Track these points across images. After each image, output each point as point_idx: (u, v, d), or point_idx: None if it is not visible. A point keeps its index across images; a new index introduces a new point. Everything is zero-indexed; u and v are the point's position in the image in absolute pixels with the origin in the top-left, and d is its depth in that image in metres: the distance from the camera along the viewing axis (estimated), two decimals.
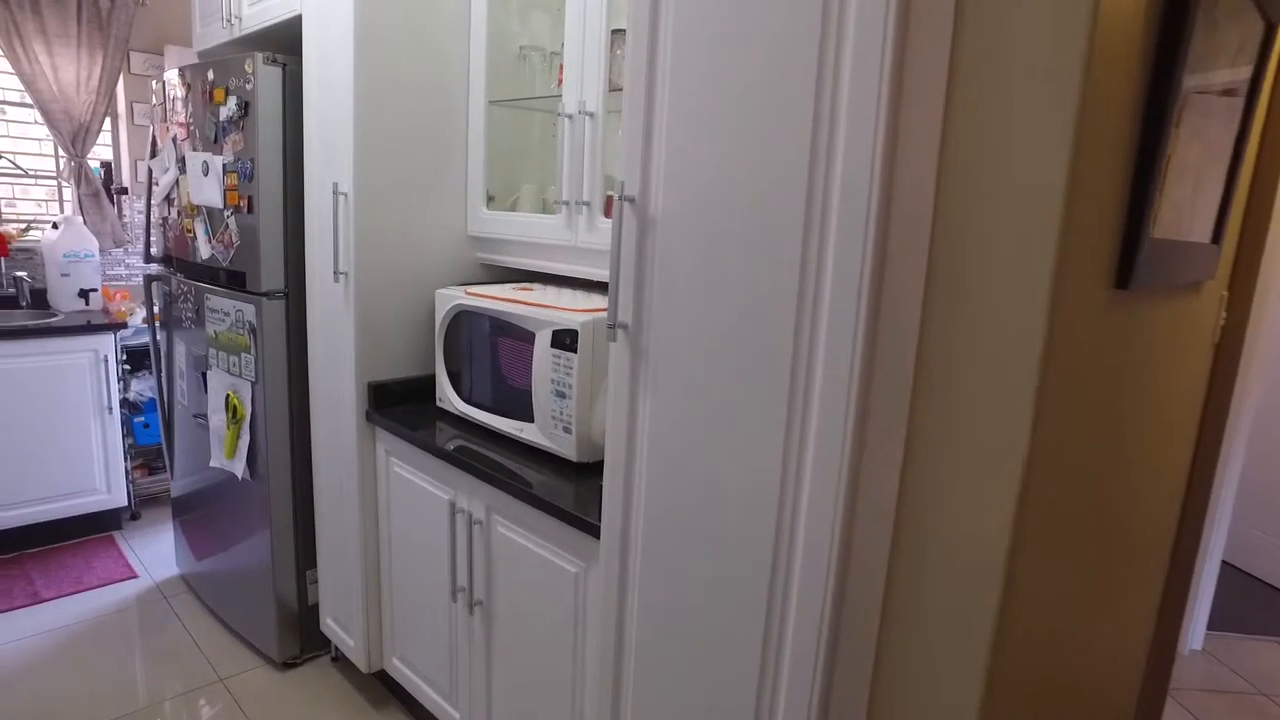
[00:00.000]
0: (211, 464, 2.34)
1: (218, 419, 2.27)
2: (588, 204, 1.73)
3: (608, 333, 1.24)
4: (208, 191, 2.15)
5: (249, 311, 2.08)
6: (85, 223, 3.33)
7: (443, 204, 2.03)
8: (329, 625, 2.28)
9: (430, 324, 2.06)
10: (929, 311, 0.98)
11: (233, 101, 2.01)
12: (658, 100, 1.15)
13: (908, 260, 0.97)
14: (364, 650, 2.13)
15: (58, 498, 3.00)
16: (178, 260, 2.45)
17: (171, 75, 2.32)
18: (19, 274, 3.23)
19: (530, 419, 1.70)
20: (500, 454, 1.72)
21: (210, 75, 2.10)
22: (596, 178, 1.71)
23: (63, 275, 3.18)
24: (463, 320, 1.88)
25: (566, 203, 1.76)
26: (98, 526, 3.16)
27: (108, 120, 3.52)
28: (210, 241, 2.19)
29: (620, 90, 1.72)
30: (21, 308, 3.22)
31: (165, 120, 2.39)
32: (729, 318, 1.09)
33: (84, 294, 3.20)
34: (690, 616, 1.19)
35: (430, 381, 2.04)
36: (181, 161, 2.29)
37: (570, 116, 1.73)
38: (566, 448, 1.63)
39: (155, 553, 3.04)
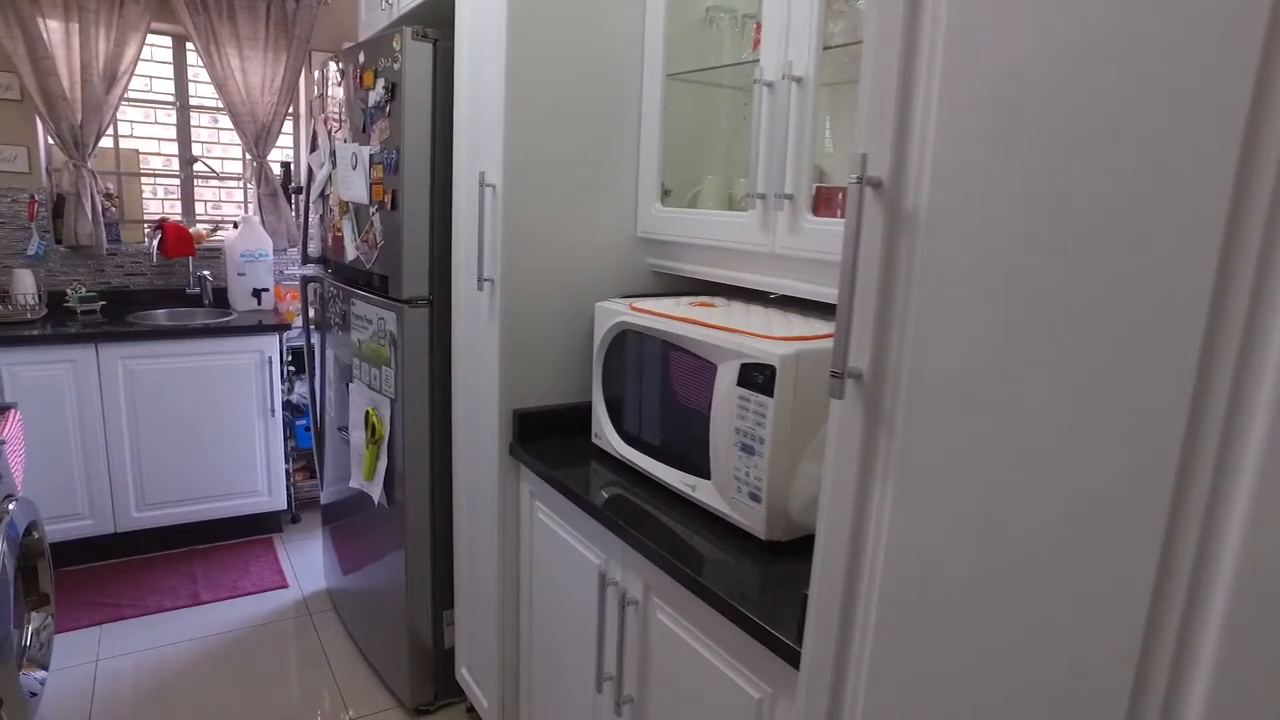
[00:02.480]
0: (350, 484, 2.15)
1: (357, 436, 2.07)
2: (790, 198, 1.32)
3: (831, 385, 0.83)
4: (355, 186, 1.95)
5: (390, 320, 1.86)
6: (263, 223, 3.34)
7: (607, 198, 1.69)
8: (463, 676, 2.02)
9: (588, 342, 1.73)
10: None
11: (380, 84, 1.78)
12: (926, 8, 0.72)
13: None
14: (498, 713, 1.84)
15: (223, 497, 2.99)
16: (332, 261, 2.30)
17: (331, 65, 2.15)
18: (203, 273, 3.28)
19: (706, 475, 1.32)
20: (667, 515, 1.35)
21: (361, 58, 1.89)
22: (803, 164, 1.30)
23: (239, 274, 3.20)
24: (626, 341, 1.53)
25: (762, 196, 1.37)
26: (260, 528, 3.14)
27: (288, 123, 3.54)
28: (356, 241, 1.99)
29: (833, 48, 1.31)
30: (203, 306, 3.27)
31: (325, 112, 2.24)
32: (1055, 360, 0.64)
33: (257, 294, 3.20)
34: None
35: (586, 412, 1.71)
36: (333, 155, 2.13)
37: (770, 84, 1.33)
38: (753, 520, 1.23)
39: (307, 561, 2.96)
